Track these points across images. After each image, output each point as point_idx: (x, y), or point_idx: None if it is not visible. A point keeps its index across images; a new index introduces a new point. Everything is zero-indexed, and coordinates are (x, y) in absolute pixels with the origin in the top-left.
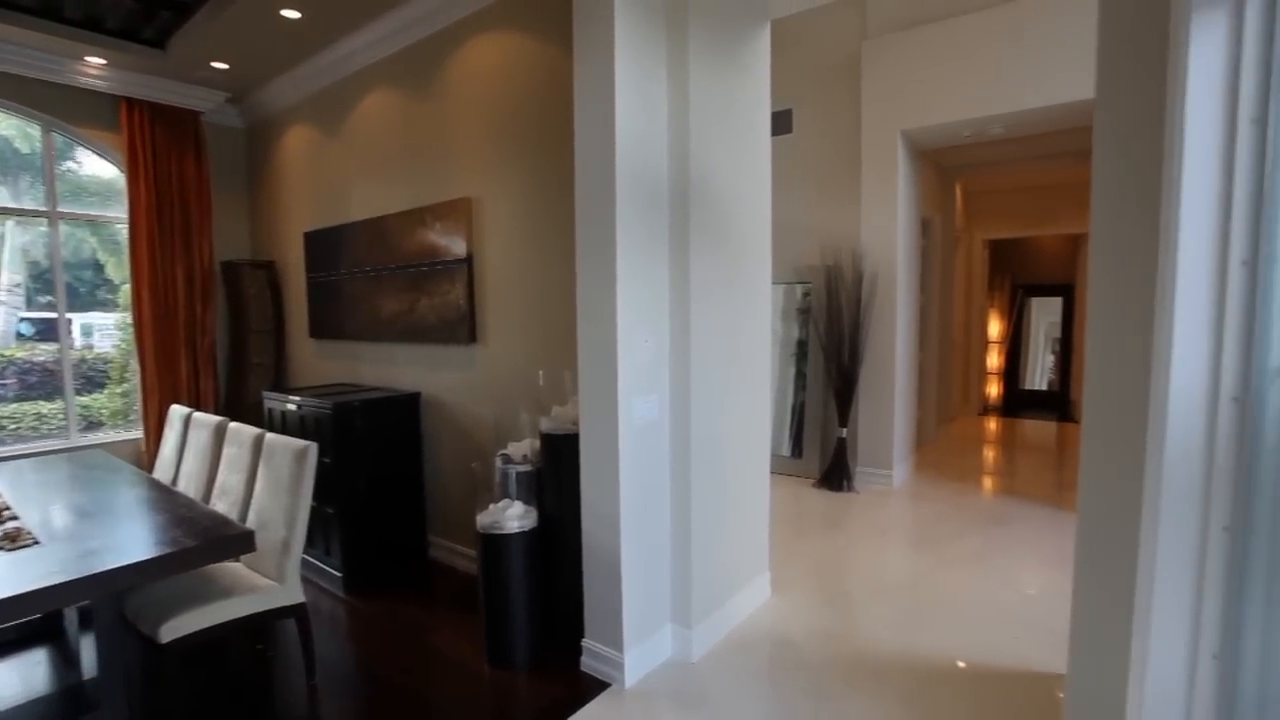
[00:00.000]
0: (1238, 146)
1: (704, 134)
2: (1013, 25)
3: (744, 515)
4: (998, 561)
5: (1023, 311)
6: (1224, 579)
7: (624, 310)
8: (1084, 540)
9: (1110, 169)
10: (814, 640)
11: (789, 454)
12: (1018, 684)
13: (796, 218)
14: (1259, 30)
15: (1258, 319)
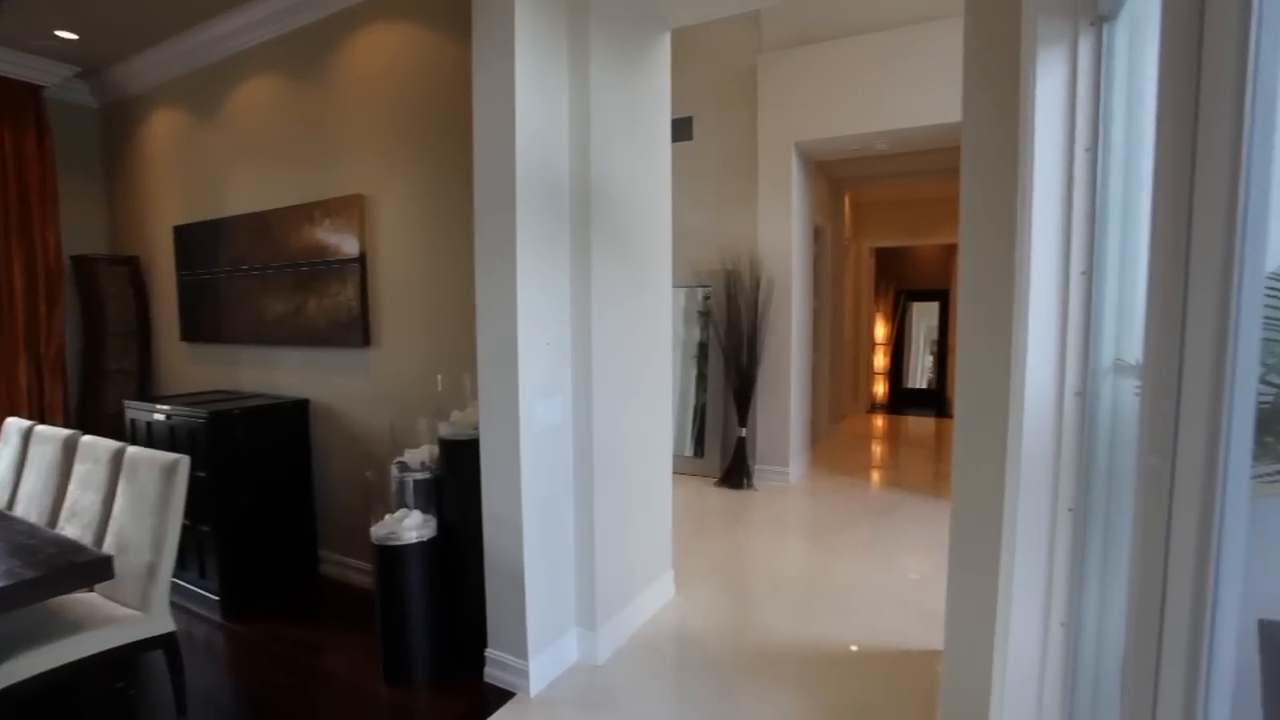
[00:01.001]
0: (1075, 171)
1: (605, 137)
2: (894, 49)
3: (647, 515)
4: (884, 550)
5: (905, 315)
6: (1069, 555)
7: (525, 312)
8: (956, 526)
9: (975, 186)
10: (717, 635)
11: (691, 454)
12: (903, 662)
13: (697, 223)
14: (1089, 68)
15: (1093, 323)
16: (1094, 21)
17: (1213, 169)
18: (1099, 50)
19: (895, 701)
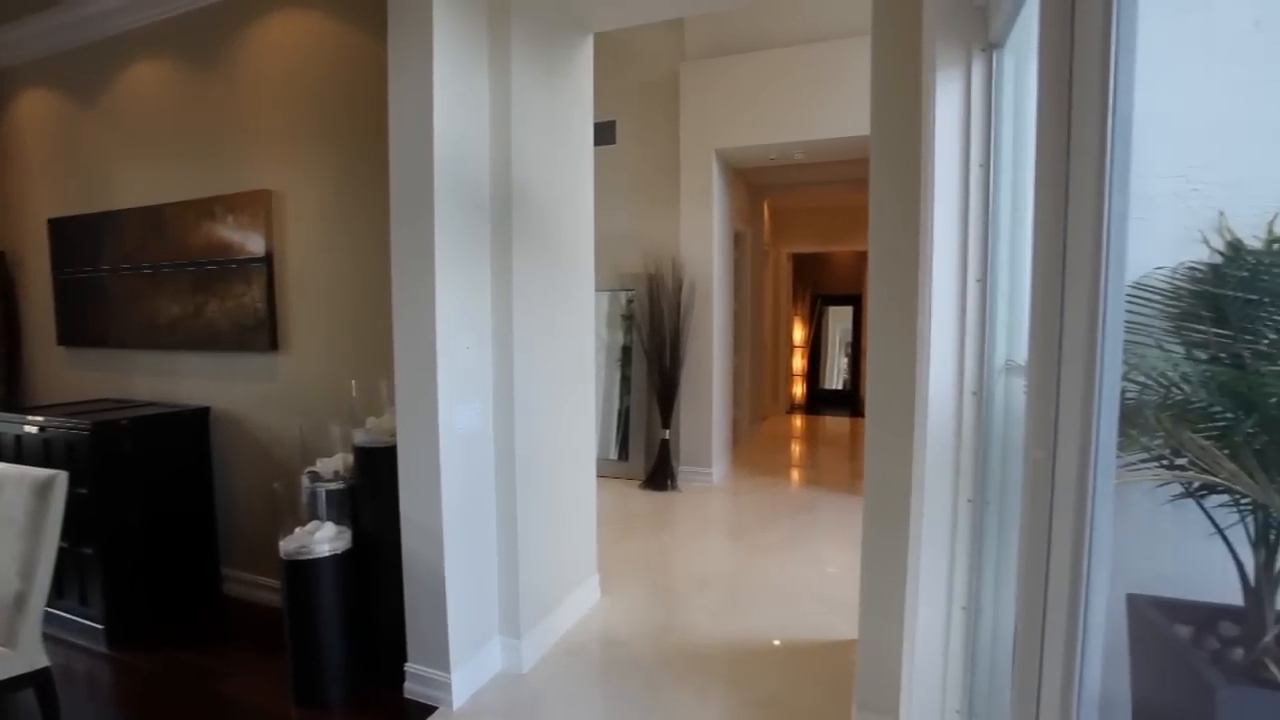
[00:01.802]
0: (970, 186)
1: (527, 139)
2: (811, 63)
3: (572, 520)
4: (804, 546)
5: (821, 319)
6: (969, 544)
7: (444, 315)
8: (868, 520)
9: (882, 198)
10: (643, 636)
11: (615, 457)
12: (822, 653)
13: (620, 226)
14: (981, 90)
15: (988, 327)
16: (985, 48)
17: (1082, 188)
18: (989, 74)
19: (815, 690)
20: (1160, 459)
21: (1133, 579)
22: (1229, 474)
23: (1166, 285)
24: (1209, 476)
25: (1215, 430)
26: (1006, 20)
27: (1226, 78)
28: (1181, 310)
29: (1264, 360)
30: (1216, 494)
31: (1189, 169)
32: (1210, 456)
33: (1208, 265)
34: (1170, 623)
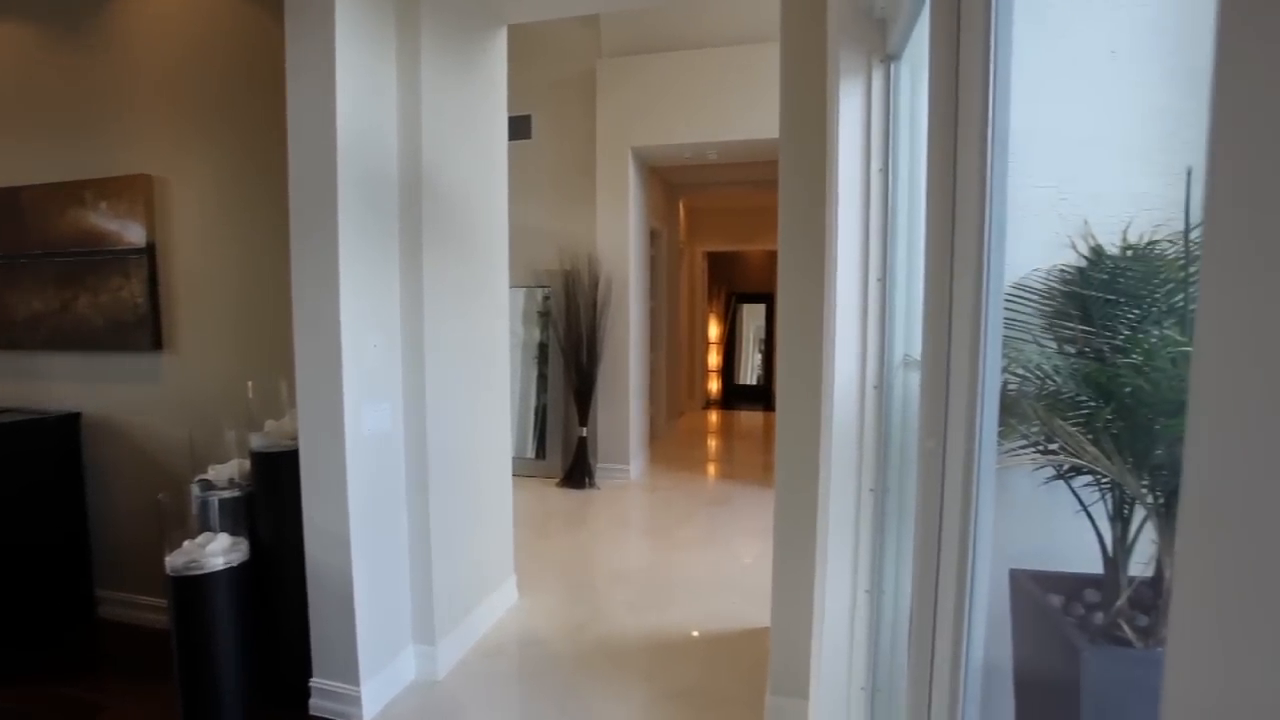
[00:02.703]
0: (871, 189)
1: (438, 130)
2: (725, 64)
3: (488, 521)
4: (721, 538)
5: (736, 316)
6: (871, 531)
7: (349, 312)
8: (779, 511)
9: (790, 199)
10: (561, 635)
11: (533, 455)
12: (739, 641)
13: (536, 222)
14: (881, 98)
15: (887, 324)
16: (884, 59)
17: (967, 196)
18: (887, 84)
19: (732, 678)
20: (1036, 445)
21: (1015, 555)
22: (1092, 457)
23: (1041, 286)
24: (1076, 459)
25: (1081, 417)
26: (903, 33)
27: (1088, 99)
28: (1054, 309)
29: (1120, 354)
30: (1082, 475)
31: (1059, 180)
32: (1076, 441)
33: (1075, 268)
34: (1045, 593)
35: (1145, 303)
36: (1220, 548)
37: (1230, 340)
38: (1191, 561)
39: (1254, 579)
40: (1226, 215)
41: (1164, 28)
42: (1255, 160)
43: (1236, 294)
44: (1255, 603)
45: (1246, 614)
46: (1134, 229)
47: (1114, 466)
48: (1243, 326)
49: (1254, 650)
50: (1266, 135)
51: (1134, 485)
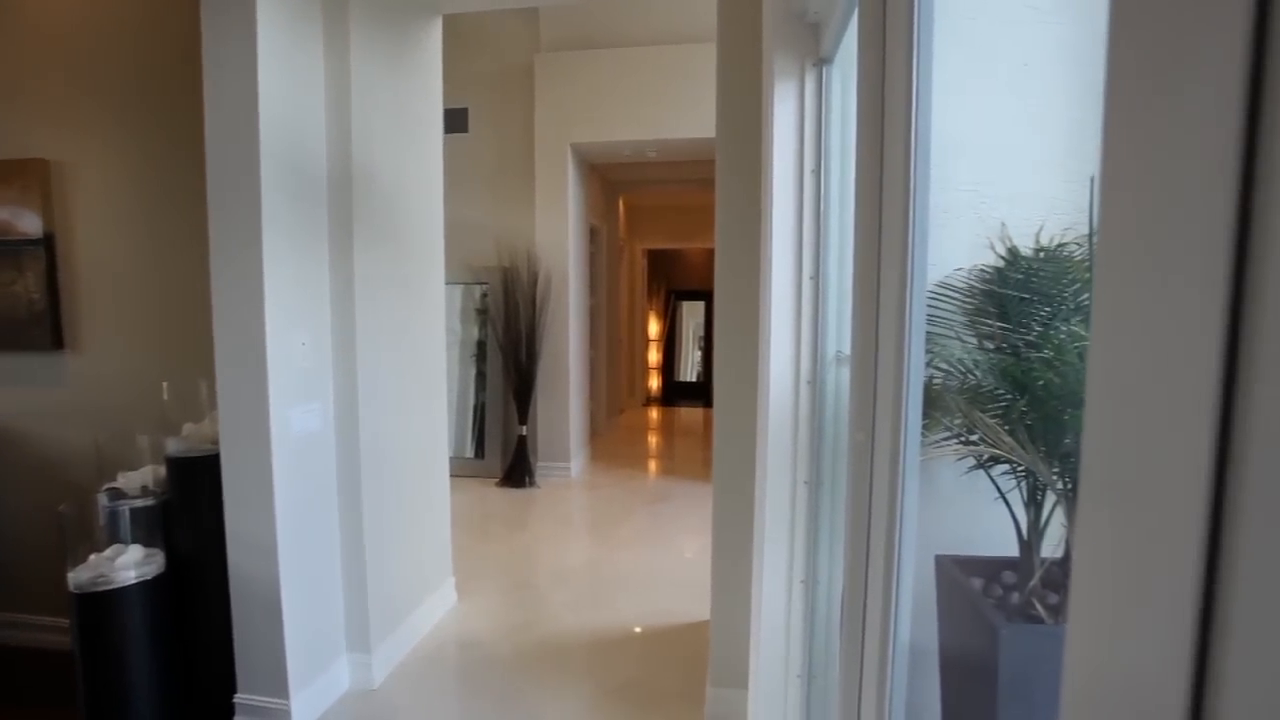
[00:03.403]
0: (804, 190)
1: (369, 121)
2: (664, 63)
3: (425, 523)
4: (662, 534)
5: (676, 313)
6: (806, 522)
7: (275, 309)
8: (718, 505)
9: (727, 198)
10: (501, 636)
11: (472, 455)
12: (681, 635)
13: (473, 218)
14: (814, 101)
15: (820, 321)
16: (817, 62)
17: (893, 198)
18: (820, 87)
19: (674, 671)
20: (959, 436)
21: (941, 542)
22: (1008, 447)
23: (963, 285)
24: (994, 450)
25: (999, 410)
26: (834, 38)
27: (1005, 108)
28: (975, 306)
29: (1033, 349)
30: (1000, 464)
31: (979, 184)
32: (994, 433)
33: (994, 268)
34: (966, 576)
35: (1056, 301)
36: (1110, 528)
37: (1118, 336)
38: (1086, 541)
39: (1137, 556)
40: (1115, 220)
41: (1072, 45)
42: (1139, 173)
43: (1123, 293)
44: (1138, 578)
45: (1131, 588)
46: (1046, 231)
47: (1028, 455)
48: (1128, 323)
49: (1138, 621)
50: (1147, 149)
51: (1045, 472)
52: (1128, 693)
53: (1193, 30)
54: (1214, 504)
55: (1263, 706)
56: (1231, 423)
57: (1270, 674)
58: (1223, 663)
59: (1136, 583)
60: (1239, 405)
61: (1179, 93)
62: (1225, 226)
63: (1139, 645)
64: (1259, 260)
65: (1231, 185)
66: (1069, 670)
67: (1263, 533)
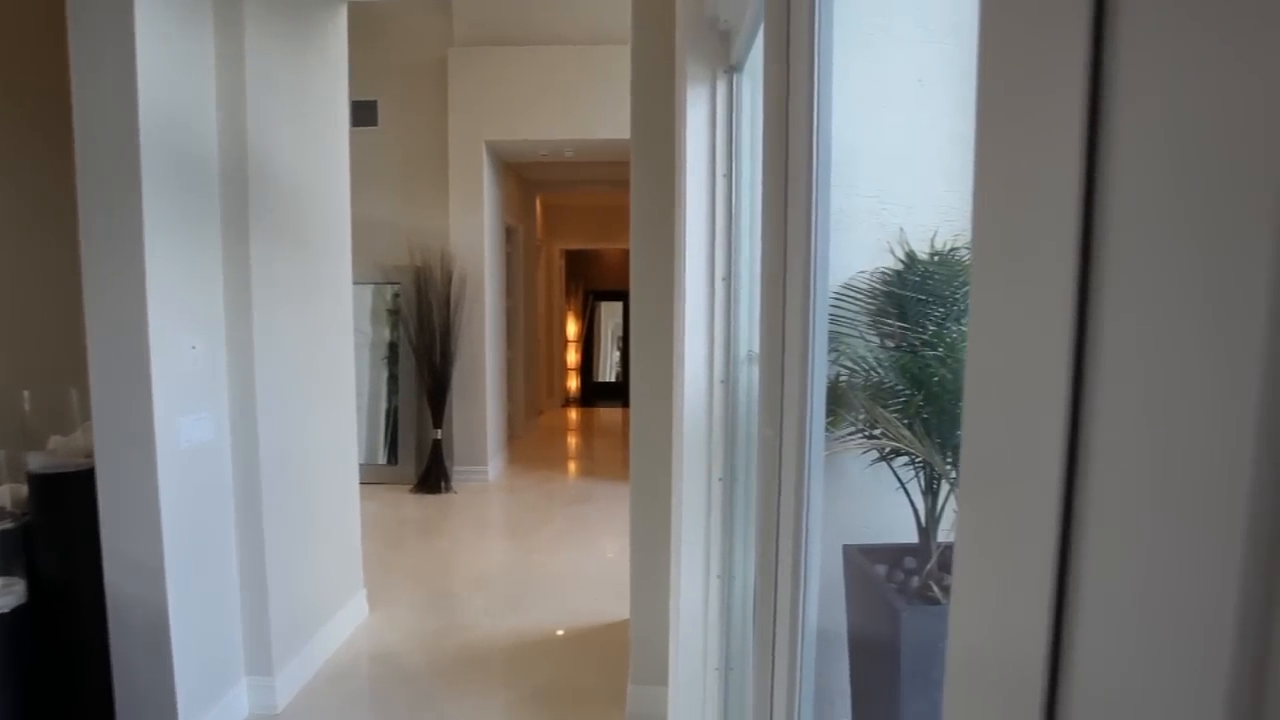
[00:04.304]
0: (716, 193)
1: (267, 110)
2: (581, 63)
3: (333, 534)
4: (582, 535)
5: (594, 314)
6: (721, 518)
7: (160, 311)
8: (636, 504)
9: (642, 200)
10: (416, 648)
11: (384, 461)
12: (603, 635)
13: (384, 215)
14: (724, 107)
15: (732, 321)
16: (727, 70)
17: (797, 202)
18: (731, 94)
19: (595, 672)
20: (862, 431)
21: (851, 531)
22: (908, 440)
23: (866, 286)
24: (895, 443)
25: (898, 405)
26: (744, 46)
27: (902, 121)
28: (876, 307)
29: (928, 348)
30: (900, 456)
31: (880, 191)
32: (894, 427)
33: (893, 271)
34: (872, 564)
35: (948, 302)
36: (982, 514)
37: (987, 336)
38: (965, 527)
39: (1004, 540)
40: (985, 229)
41: (959, 65)
42: (1002, 187)
43: (990, 295)
44: (1005, 559)
45: (1000, 568)
46: (940, 237)
47: (924, 448)
48: (994, 325)
49: (1005, 598)
50: (1008, 165)
51: (940, 463)
52: (998, 663)
53: (1042, 60)
54: (1066, 492)
55: (1108, 671)
56: (1080, 417)
57: (1114, 642)
58: (1074, 633)
59: (1004, 563)
60: (1086, 402)
61: (1032, 114)
62: (1071, 236)
63: (1006, 620)
64: (1100, 263)
65: (1075, 198)
66: (952, 645)
67: (1107, 514)
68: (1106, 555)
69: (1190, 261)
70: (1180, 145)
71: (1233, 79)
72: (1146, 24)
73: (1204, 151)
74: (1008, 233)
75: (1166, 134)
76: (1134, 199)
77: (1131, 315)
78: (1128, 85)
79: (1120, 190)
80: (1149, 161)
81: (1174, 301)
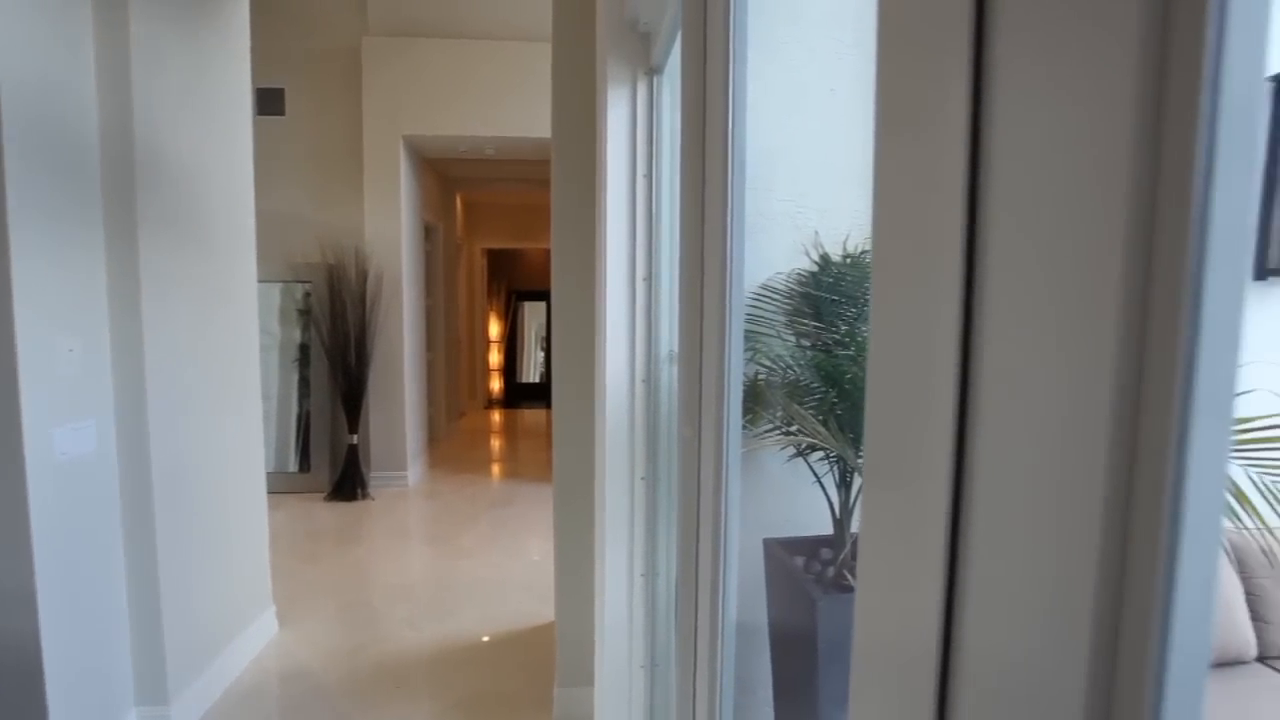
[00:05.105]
0: (637, 194)
1: (156, 92)
2: (503, 59)
3: (238, 549)
4: (508, 539)
5: (517, 314)
6: (645, 517)
7: (30, 311)
8: (560, 506)
9: (563, 199)
10: (331, 663)
11: (295, 469)
12: (528, 639)
13: (294, 209)
14: (645, 109)
15: (653, 321)
16: (648, 71)
17: (713, 205)
18: (651, 95)
19: (522, 677)
20: (779, 428)
21: (772, 525)
22: (823, 437)
23: (783, 287)
24: (811, 439)
25: (814, 402)
26: (664, 49)
27: (816, 128)
28: (793, 307)
29: (841, 346)
30: (816, 451)
31: (797, 195)
32: (810, 423)
33: (809, 272)
34: (790, 556)
35: (860, 303)
36: (884, 503)
37: (884, 333)
38: (868, 517)
39: (899, 526)
40: (883, 234)
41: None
42: (898, 194)
43: (887, 295)
44: (907, 545)
45: (901, 554)
46: (852, 240)
47: (838, 443)
48: (890, 323)
49: (907, 581)
50: (903, 174)
51: (852, 458)
52: (897, 642)
53: (931, 81)
54: (955, 484)
55: (992, 646)
56: (967, 414)
57: (996, 620)
58: (964, 613)
59: (901, 551)
60: (971, 400)
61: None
62: (957, 242)
63: (904, 603)
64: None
65: (959, 207)
66: (857, 629)
67: (991, 504)
68: (990, 541)
69: (1056, 266)
70: (1045, 162)
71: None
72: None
73: (1063, 168)
74: (902, 242)
75: (1034, 153)
76: (1009, 211)
77: (1010, 316)
78: (1002, 111)
79: (997, 205)
80: (1020, 177)
81: (1043, 304)
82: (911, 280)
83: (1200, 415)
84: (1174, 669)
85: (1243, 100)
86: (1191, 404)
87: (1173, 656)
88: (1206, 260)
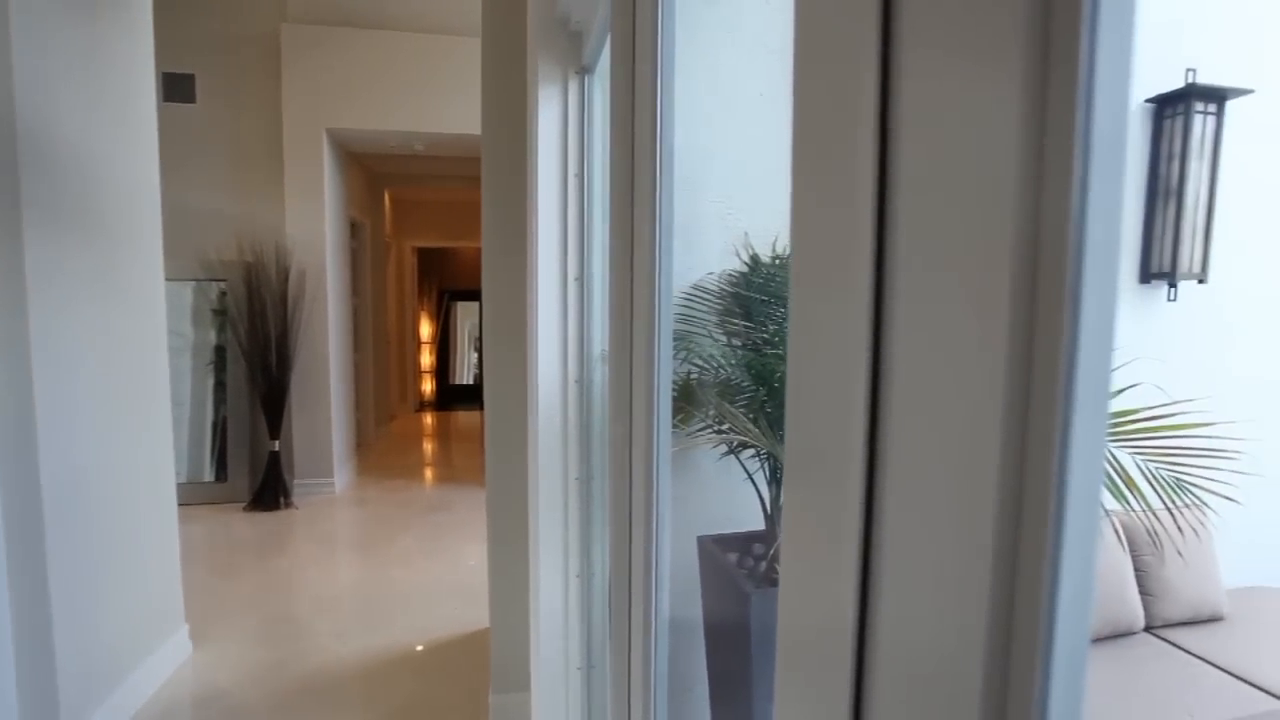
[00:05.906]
0: (568, 194)
1: (42, 71)
2: (432, 52)
3: (145, 565)
4: (442, 545)
5: (449, 314)
6: (579, 518)
7: None
8: (493, 508)
9: (493, 198)
10: (251, 682)
11: (211, 478)
12: (464, 645)
13: (207, 203)
14: (576, 108)
15: (585, 320)
16: (579, 71)
17: (642, 206)
18: (582, 95)
19: (457, 685)
20: (711, 426)
21: (706, 522)
22: (753, 434)
23: (715, 287)
24: (742, 437)
25: (745, 400)
26: (595, 49)
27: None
28: (724, 307)
29: (770, 346)
30: (748, 449)
31: (727, 196)
32: (740, 422)
33: (739, 273)
34: (723, 552)
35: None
36: (802, 498)
37: (800, 335)
38: (789, 512)
39: (818, 519)
40: (801, 236)
41: None
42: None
43: (804, 298)
44: (824, 537)
45: (819, 547)
46: (780, 241)
47: (768, 440)
48: (807, 325)
49: (822, 570)
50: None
51: (782, 455)
52: (816, 631)
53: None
54: (868, 478)
55: (903, 630)
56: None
57: (906, 604)
58: (877, 602)
59: (819, 543)
60: (883, 397)
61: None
62: (867, 248)
63: (822, 593)
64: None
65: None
66: (781, 621)
67: (899, 498)
68: (899, 532)
69: (952, 272)
70: (943, 177)
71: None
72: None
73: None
74: (816, 246)
75: (934, 164)
76: (912, 220)
77: (914, 319)
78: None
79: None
80: (921, 187)
81: (942, 308)
82: (825, 284)
83: (1080, 407)
84: (1060, 641)
85: (1113, 123)
86: (1073, 398)
87: (1060, 630)
88: (1084, 267)
